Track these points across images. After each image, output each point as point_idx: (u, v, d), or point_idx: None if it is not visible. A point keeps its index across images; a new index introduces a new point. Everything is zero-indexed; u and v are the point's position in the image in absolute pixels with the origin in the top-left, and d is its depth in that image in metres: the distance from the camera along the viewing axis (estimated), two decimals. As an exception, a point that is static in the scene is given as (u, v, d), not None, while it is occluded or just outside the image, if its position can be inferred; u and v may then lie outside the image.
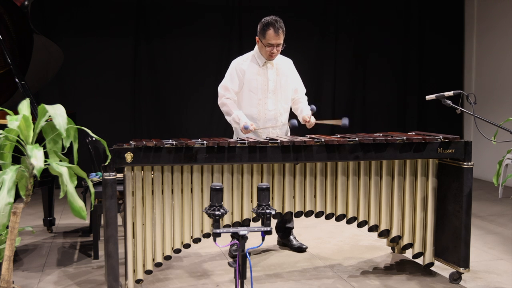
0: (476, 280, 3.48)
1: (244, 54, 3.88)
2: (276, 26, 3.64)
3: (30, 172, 2.53)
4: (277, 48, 3.70)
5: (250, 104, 3.79)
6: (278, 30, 3.64)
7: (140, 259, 3.12)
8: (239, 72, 3.77)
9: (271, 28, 3.64)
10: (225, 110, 3.79)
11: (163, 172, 3.10)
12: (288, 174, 3.29)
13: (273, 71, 3.82)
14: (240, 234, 2.30)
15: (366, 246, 4.20)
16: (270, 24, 3.65)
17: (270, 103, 3.79)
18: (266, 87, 3.78)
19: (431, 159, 3.43)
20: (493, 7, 7.03)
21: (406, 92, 7.56)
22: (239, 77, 3.77)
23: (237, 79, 3.77)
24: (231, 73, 3.81)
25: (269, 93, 3.79)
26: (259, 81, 3.77)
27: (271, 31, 3.64)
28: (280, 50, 3.74)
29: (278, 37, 3.65)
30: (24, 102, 2.60)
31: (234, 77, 3.78)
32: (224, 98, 3.79)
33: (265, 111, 3.79)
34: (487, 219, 5.09)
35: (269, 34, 3.64)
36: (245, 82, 3.77)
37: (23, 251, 4.05)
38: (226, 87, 3.79)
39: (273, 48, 3.68)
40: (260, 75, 3.78)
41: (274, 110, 3.81)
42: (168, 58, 6.75)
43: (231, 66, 3.84)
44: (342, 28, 7.27)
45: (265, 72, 3.79)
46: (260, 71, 3.78)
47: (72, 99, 6.28)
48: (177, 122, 6.83)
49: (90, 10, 6.47)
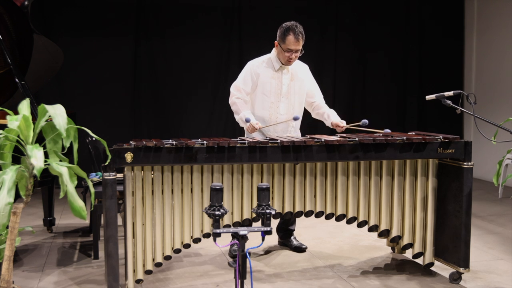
0: (476, 280, 3.48)
1: (261, 57, 3.87)
2: (296, 32, 3.62)
3: (30, 172, 2.53)
4: (296, 54, 3.69)
5: (263, 107, 3.80)
6: (298, 36, 3.62)
7: (140, 259, 3.12)
8: (253, 74, 3.78)
9: (291, 34, 3.62)
10: (234, 109, 3.80)
11: (163, 172, 3.10)
12: (288, 174, 3.29)
13: (288, 76, 3.81)
14: (240, 234, 2.30)
15: (366, 246, 4.20)
16: (290, 30, 3.63)
17: (282, 107, 3.80)
18: (280, 91, 3.78)
19: (431, 159, 3.43)
20: (493, 7, 7.03)
21: (406, 92, 7.56)
22: (253, 79, 3.78)
23: (250, 81, 3.78)
24: (245, 74, 3.82)
25: (282, 97, 3.79)
26: (273, 85, 3.77)
27: (291, 36, 3.62)
28: (298, 55, 3.73)
29: (298, 43, 3.64)
30: (24, 102, 2.60)
31: (247, 78, 3.79)
32: (234, 98, 3.79)
33: (277, 115, 3.80)
34: (487, 219, 5.09)
35: (289, 39, 3.62)
36: (259, 85, 3.78)
37: (23, 251, 4.05)
38: (238, 87, 3.80)
39: (291, 54, 3.67)
40: (274, 79, 3.78)
41: (286, 115, 3.81)
42: (168, 58, 6.75)
43: (246, 67, 3.85)
44: (342, 27, 7.27)
45: (280, 76, 3.79)
46: (274, 75, 3.79)
47: (72, 99, 6.27)
48: (177, 122, 6.83)
49: (90, 10, 6.47)
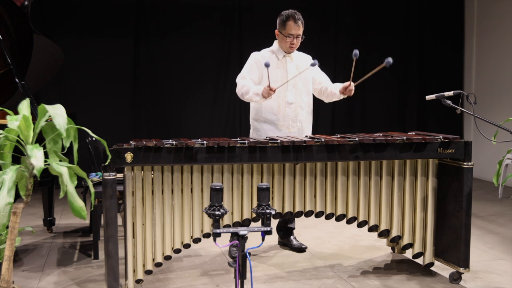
0: (476, 280, 3.48)
1: (264, 49, 3.90)
2: (296, 17, 3.74)
3: (30, 172, 2.53)
4: (297, 39, 3.77)
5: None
6: (298, 21, 3.74)
7: (140, 259, 3.12)
8: (258, 64, 3.79)
9: (291, 19, 3.73)
10: (244, 91, 3.69)
11: (163, 172, 3.10)
12: (288, 174, 3.29)
13: (293, 64, 3.85)
14: (240, 234, 2.29)
15: (366, 246, 4.20)
16: (290, 16, 3.75)
17: (290, 96, 3.81)
18: (286, 80, 3.78)
19: (431, 159, 3.43)
20: (493, 7, 7.03)
21: (406, 92, 7.55)
22: (258, 67, 3.78)
23: (256, 69, 3.79)
24: (250, 64, 3.83)
25: (289, 85, 3.80)
26: (279, 74, 3.79)
27: (291, 21, 3.73)
28: (299, 41, 3.80)
29: (298, 28, 3.74)
30: (24, 102, 2.60)
31: (253, 67, 3.80)
32: (241, 84, 3.74)
33: (285, 104, 3.80)
34: (487, 219, 5.09)
35: (289, 24, 3.72)
36: (264, 75, 3.76)
37: (23, 251, 4.05)
38: (244, 76, 3.79)
39: (293, 39, 3.75)
40: (279, 68, 3.81)
41: (294, 104, 3.82)
42: (168, 58, 6.74)
43: (250, 58, 3.87)
44: (342, 27, 7.27)
45: (284, 65, 3.82)
46: (279, 64, 3.82)
47: (72, 99, 6.27)
48: (177, 122, 6.83)
49: (90, 10, 6.47)
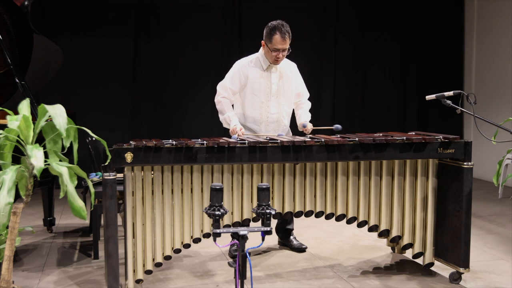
0: (476, 280, 3.48)
1: (249, 56, 3.86)
2: (282, 31, 3.61)
3: (30, 172, 2.53)
4: (283, 53, 3.68)
5: (253, 106, 3.79)
6: (284, 35, 3.61)
7: (140, 259, 3.12)
8: (241, 75, 3.76)
9: (277, 33, 3.61)
10: (219, 108, 3.79)
11: (163, 172, 3.10)
12: (288, 174, 3.29)
13: (277, 74, 3.81)
14: (240, 234, 2.29)
15: (366, 246, 4.20)
16: (276, 29, 3.62)
17: (272, 106, 3.79)
18: (269, 90, 3.78)
19: (431, 159, 3.43)
20: (493, 7, 7.03)
21: (406, 92, 7.56)
22: (240, 79, 3.77)
23: (238, 81, 3.77)
24: (232, 74, 3.80)
25: (272, 96, 3.79)
26: (262, 84, 3.77)
27: (277, 35, 3.61)
28: (285, 55, 3.72)
29: (284, 42, 3.63)
30: (24, 102, 2.60)
31: (235, 78, 3.78)
32: (220, 97, 3.79)
33: (268, 114, 3.79)
34: (487, 219, 5.09)
35: (275, 39, 3.62)
36: (248, 85, 3.77)
37: (23, 251, 4.05)
38: (225, 86, 3.78)
39: (279, 53, 3.66)
40: (263, 78, 3.78)
41: (277, 114, 3.81)
42: (168, 58, 6.75)
43: (233, 67, 3.83)
44: (342, 27, 7.27)
45: (268, 76, 3.79)
46: (263, 74, 3.78)
47: (72, 99, 6.28)
48: (177, 122, 6.83)
49: (90, 10, 6.47)
